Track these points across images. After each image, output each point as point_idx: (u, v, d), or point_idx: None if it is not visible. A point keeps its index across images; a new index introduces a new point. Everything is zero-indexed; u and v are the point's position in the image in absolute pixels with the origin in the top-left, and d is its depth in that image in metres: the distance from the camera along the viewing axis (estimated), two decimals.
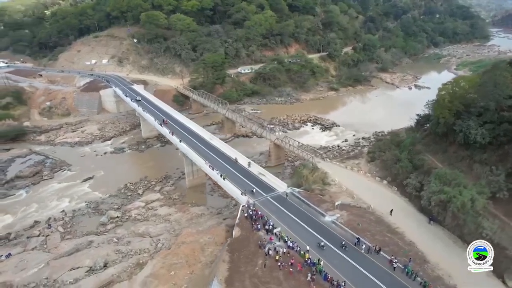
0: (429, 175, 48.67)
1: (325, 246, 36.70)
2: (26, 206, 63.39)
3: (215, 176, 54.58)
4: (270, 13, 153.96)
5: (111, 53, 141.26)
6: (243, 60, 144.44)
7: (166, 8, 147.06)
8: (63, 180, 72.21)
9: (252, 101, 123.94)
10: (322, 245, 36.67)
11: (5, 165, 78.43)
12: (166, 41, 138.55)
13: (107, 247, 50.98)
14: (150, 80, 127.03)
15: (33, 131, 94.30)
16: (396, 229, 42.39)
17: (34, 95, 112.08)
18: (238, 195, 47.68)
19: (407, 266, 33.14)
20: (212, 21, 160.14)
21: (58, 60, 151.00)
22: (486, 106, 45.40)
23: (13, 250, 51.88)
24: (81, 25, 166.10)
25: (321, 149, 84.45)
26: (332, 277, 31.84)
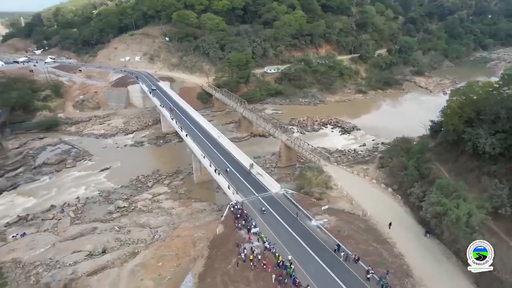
0: (433, 185, 46.06)
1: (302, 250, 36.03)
2: (47, 191, 68.39)
3: (211, 171, 55.49)
4: (301, 13, 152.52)
5: (144, 50, 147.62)
6: (271, 60, 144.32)
7: (197, 7, 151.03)
8: (83, 169, 76.88)
9: (275, 101, 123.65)
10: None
11: (36, 152, 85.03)
12: (195, 40, 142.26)
13: (108, 235, 53.69)
14: (178, 78, 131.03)
15: (65, 122, 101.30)
16: (387, 239, 40.56)
17: (71, 89, 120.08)
18: (229, 192, 48.13)
19: (382, 279, 31.65)
20: (243, 21, 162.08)
21: (97, 57, 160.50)
22: (496, 113, 41.96)
23: (28, 230, 56.22)
24: (121, 24, 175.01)
25: (336, 152, 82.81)
26: (300, 281, 31.23)
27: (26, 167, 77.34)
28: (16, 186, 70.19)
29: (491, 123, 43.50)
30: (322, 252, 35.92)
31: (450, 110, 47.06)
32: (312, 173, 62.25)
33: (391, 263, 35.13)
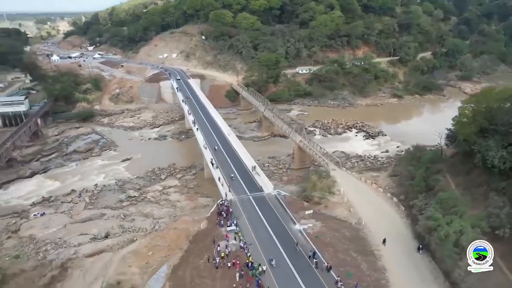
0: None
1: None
2: (71, 176, 73.88)
3: (210, 164, 56.53)
4: (338, 13, 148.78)
5: (181, 48, 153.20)
6: (304, 61, 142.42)
7: (235, 7, 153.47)
8: (106, 158, 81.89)
9: (303, 102, 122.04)
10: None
11: (70, 140, 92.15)
12: (230, 39, 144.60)
13: (113, 221, 56.86)
14: (210, 76, 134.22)
15: (100, 114, 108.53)
16: (375, 251, 38.58)
17: (110, 83, 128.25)
18: (221, 188, 48.71)
19: None
20: (280, 21, 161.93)
21: (139, 53, 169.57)
22: (509, 124, 38.03)
23: (47, 210, 61.22)
24: (163, 22, 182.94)
25: (354, 157, 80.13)
26: (263, 283, 30.90)
27: (59, 153, 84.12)
28: (47, 170, 76.63)
29: (504, 135, 39.53)
30: (297, 258, 35.12)
31: (462, 118, 43.37)
32: (318, 176, 61.01)
33: (366, 276, 33.41)
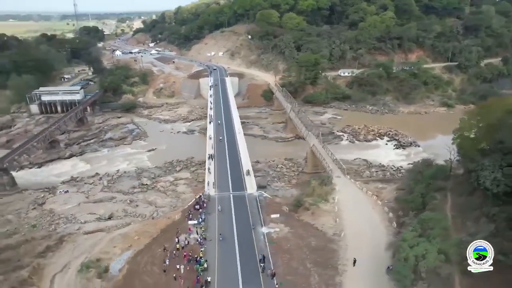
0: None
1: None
2: (101, 161, 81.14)
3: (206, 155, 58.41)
4: (390, 14, 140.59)
5: (228, 47, 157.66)
6: (349, 63, 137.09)
7: (283, 7, 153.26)
8: (135, 147, 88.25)
9: (340, 106, 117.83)
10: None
11: (109, 128, 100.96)
12: (275, 39, 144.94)
13: (120, 205, 61.48)
14: (251, 74, 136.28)
15: (141, 106, 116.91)
16: (338, 265, 36.59)
17: (157, 78, 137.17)
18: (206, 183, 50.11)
19: None
20: (329, 22, 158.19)
21: (191, 51, 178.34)
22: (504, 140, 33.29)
23: (71, 189, 68.27)
24: (217, 22, 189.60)
25: (375, 166, 75.93)
26: (201, 278, 31.45)
27: (97, 139, 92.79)
28: (83, 153, 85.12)
29: (505, 153, 34.60)
30: (249, 260, 34.86)
31: (462, 131, 38.91)
32: (319, 182, 59.31)
33: (283, 283, 31.98)
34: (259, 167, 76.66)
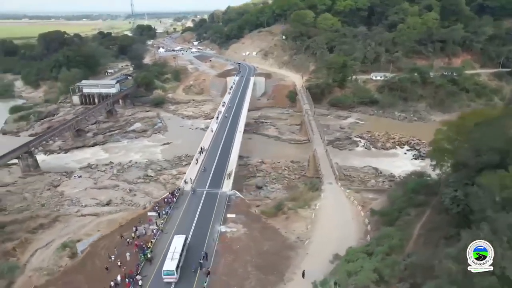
0: None
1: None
2: (118, 151, 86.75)
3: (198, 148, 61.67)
4: (433, 15, 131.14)
5: (262, 47, 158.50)
6: (384, 66, 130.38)
7: (320, 7, 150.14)
8: (152, 140, 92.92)
9: (366, 110, 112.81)
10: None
11: (135, 121, 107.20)
12: (308, 40, 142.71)
13: (120, 193, 65.47)
14: (280, 75, 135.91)
15: (170, 102, 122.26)
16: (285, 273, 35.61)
17: (190, 75, 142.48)
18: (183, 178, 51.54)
19: None
20: (369, 23, 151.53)
21: (228, 50, 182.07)
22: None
23: (84, 175, 74.07)
24: (258, 22, 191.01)
25: (385, 176, 71.77)
26: (131, 270, 32.84)
27: (121, 130, 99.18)
28: (105, 143, 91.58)
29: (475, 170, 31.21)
30: (193, 255, 35.44)
31: (435, 145, 35.78)
32: (307, 187, 58.15)
33: (205, 282, 31.82)
34: (263, 168, 76.79)
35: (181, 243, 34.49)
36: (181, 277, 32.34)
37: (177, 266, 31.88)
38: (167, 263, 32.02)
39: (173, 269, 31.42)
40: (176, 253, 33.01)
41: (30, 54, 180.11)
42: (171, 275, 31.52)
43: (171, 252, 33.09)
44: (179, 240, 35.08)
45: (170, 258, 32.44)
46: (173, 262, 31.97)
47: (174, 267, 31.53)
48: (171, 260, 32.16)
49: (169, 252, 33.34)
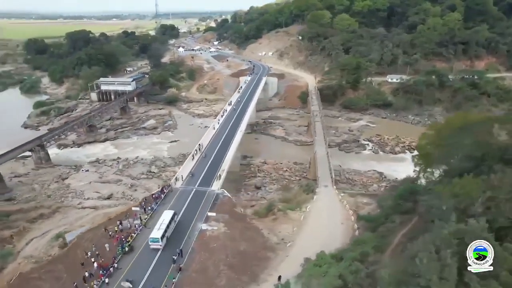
0: None
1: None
2: (127, 147, 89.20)
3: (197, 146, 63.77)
4: (455, 16, 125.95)
5: (278, 47, 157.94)
6: (401, 69, 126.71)
7: (337, 7, 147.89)
8: (161, 137, 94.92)
9: (378, 113, 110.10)
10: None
11: (147, 118, 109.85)
12: (325, 41, 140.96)
13: (122, 188, 67.46)
14: (294, 75, 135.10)
15: (183, 100, 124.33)
16: (260, 274, 35.53)
17: (205, 74, 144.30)
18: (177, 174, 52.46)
19: None
20: (389, 24, 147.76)
21: (246, 50, 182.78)
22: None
23: (92, 169, 76.77)
24: (276, 22, 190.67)
25: (389, 181, 69.73)
26: (107, 263, 33.85)
27: (132, 127, 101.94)
28: (116, 139, 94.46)
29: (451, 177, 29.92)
30: (170, 251, 36.08)
31: (419, 150, 34.58)
32: (301, 189, 57.71)
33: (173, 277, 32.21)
34: (264, 168, 76.78)
35: (169, 217, 38.97)
36: (155, 270, 33.10)
37: (163, 236, 36.28)
38: (154, 232, 36.72)
39: (158, 237, 35.91)
40: (163, 224, 37.59)
41: (57, 52, 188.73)
42: (156, 242, 36.04)
43: (159, 224, 37.75)
44: (168, 214, 39.73)
45: (157, 228, 37.11)
46: (159, 231, 36.54)
47: (159, 235, 36.01)
48: (157, 230, 36.81)
49: (157, 223, 37.94)
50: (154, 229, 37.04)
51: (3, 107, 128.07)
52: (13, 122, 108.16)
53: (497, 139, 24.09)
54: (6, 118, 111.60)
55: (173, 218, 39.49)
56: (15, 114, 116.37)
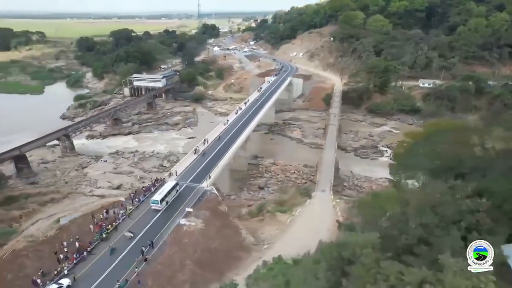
0: None
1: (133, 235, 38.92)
2: (147, 141, 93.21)
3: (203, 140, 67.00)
4: (503, 16, 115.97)
5: (309, 48, 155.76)
6: (436, 73, 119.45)
7: (372, 8, 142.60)
8: (179, 133, 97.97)
9: (405, 119, 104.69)
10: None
11: (171, 114, 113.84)
12: (356, 42, 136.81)
13: (132, 179, 70.77)
14: (322, 77, 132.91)
15: (209, 98, 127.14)
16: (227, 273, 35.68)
17: (234, 73, 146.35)
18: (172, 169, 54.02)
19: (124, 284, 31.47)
20: (427, 25, 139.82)
21: (278, 50, 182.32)
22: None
23: (110, 159, 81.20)
24: (312, 22, 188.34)
25: None
26: (91, 246, 35.89)
27: (156, 122, 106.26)
28: (138, 132, 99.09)
29: None
30: (144, 241, 37.45)
31: (395, 159, 32.74)
32: (298, 192, 56.91)
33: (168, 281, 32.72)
34: (272, 169, 76.63)
35: (170, 186, 46.75)
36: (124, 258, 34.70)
37: (162, 199, 43.89)
38: (155, 195, 44.74)
39: (158, 200, 43.58)
40: (164, 190, 45.49)
41: (102, 50, 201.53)
42: (156, 203, 43.71)
43: (161, 190, 45.85)
44: (170, 183, 47.82)
45: (159, 193, 45.03)
46: (159, 195, 44.25)
47: (159, 198, 43.67)
48: (159, 194, 44.72)
49: (160, 189, 46.39)
50: (156, 193, 45.00)
51: (50, 99, 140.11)
52: (54, 113, 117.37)
53: (455, 150, 22.11)
54: (50, 109, 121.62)
55: (174, 187, 47.14)
56: (58, 105, 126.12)
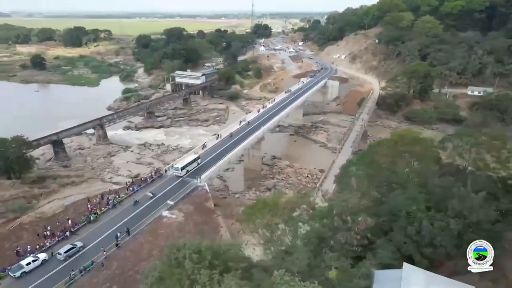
0: None
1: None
2: (175, 135, 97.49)
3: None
4: None
5: (352, 50, 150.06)
6: (489, 80, 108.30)
7: (423, 8, 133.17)
8: (206, 129, 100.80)
9: (445, 129, 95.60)
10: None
11: (204, 111, 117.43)
12: (401, 45, 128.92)
13: (149, 170, 74.22)
14: (363, 80, 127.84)
15: (243, 97, 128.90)
16: None
17: (273, 73, 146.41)
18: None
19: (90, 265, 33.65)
20: (487, 27, 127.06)
21: (323, 51, 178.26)
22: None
23: (136, 150, 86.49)
24: (361, 24, 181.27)
25: None
26: (76, 228, 39.03)
27: (187, 117, 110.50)
28: (169, 126, 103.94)
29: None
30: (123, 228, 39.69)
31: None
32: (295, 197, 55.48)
33: (129, 270, 34.26)
34: (286, 171, 75.84)
35: (192, 158, 56.14)
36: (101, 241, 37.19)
37: (183, 168, 52.46)
38: (177, 163, 53.88)
39: (179, 167, 52.26)
40: (185, 160, 55.24)
41: (156, 46, 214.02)
42: (176, 171, 52.45)
43: (183, 159, 56.17)
44: (192, 156, 58.18)
45: (180, 162, 54.39)
46: (180, 164, 53.35)
47: (180, 166, 52.41)
48: (180, 162, 54.31)
49: (182, 159, 56.98)
50: (179, 162, 54.48)
51: (103, 91, 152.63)
52: (102, 104, 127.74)
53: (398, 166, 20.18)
54: (100, 100, 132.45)
55: (195, 160, 55.97)
56: (108, 98, 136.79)
